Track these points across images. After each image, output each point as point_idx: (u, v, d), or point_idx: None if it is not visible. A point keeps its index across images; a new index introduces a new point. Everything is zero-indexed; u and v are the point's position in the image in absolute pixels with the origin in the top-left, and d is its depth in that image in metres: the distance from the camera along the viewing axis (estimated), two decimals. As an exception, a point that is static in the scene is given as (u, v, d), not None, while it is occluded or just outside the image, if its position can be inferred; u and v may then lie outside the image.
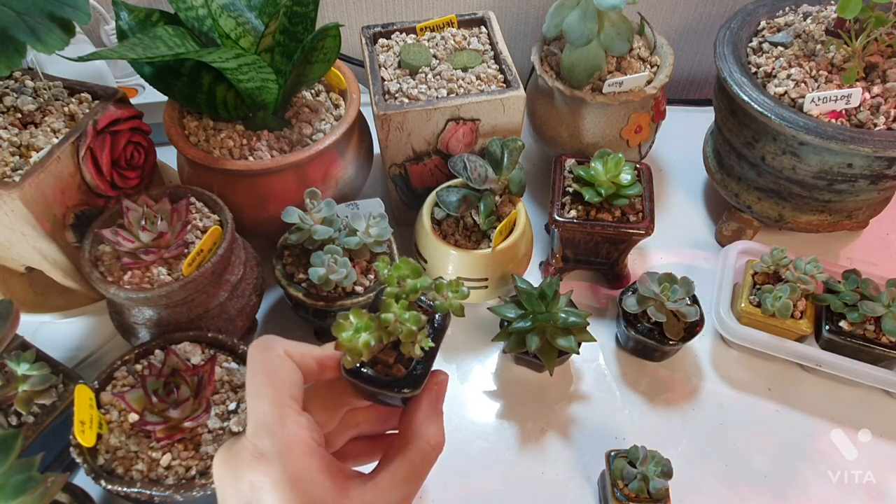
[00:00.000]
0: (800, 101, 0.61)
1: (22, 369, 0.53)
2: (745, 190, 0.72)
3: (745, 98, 0.62)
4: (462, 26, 0.73)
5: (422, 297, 0.37)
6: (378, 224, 0.61)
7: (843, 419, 0.63)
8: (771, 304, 0.63)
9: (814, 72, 0.64)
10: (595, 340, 0.60)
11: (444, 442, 0.36)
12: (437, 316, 0.37)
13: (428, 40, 0.71)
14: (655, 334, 0.63)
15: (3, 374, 0.53)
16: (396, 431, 0.37)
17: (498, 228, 0.61)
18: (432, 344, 0.35)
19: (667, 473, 0.53)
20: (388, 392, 0.35)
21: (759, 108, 0.61)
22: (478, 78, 0.66)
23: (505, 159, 0.62)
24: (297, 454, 0.31)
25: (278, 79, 0.60)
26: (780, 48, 0.67)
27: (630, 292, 0.65)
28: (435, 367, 0.37)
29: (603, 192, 0.63)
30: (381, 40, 0.71)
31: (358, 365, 0.35)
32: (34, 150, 0.56)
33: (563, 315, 0.59)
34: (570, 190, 0.67)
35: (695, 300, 0.64)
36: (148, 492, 0.47)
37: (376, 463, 0.36)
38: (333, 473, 0.32)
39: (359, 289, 0.60)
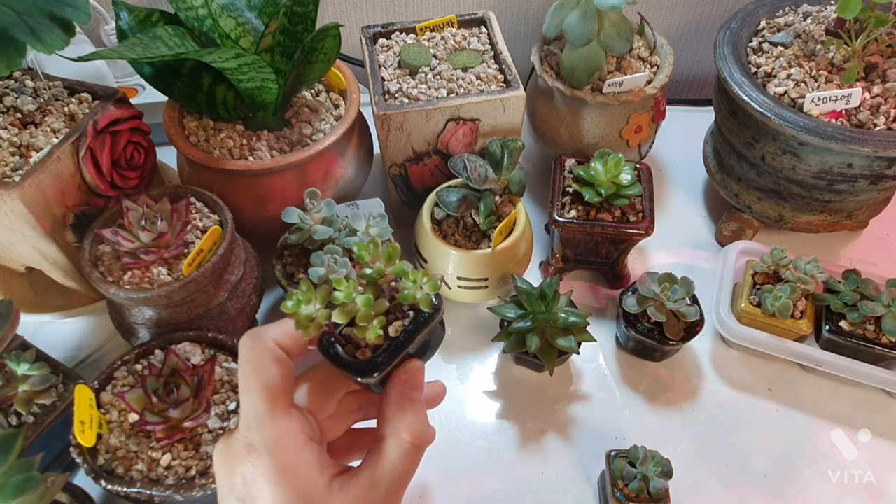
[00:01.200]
0: (800, 101, 0.61)
1: (22, 369, 0.53)
2: (745, 190, 0.72)
3: (745, 98, 0.62)
4: (462, 26, 0.73)
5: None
6: (378, 224, 0.61)
7: (843, 419, 0.63)
8: (771, 304, 0.63)
9: (814, 72, 0.64)
10: (595, 340, 0.60)
11: (427, 433, 0.35)
12: (423, 311, 0.35)
13: (428, 40, 0.71)
14: (655, 334, 0.63)
15: (3, 374, 0.53)
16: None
17: (498, 228, 0.61)
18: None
19: (667, 473, 0.53)
20: (350, 374, 0.34)
21: (759, 108, 0.61)
22: (478, 78, 0.66)
23: (505, 159, 0.62)
24: (285, 447, 0.31)
25: (278, 79, 0.60)
26: (780, 48, 0.67)
27: (630, 292, 0.65)
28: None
29: (603, 192, 0.63)
30: (381, 40, 0.71)
31: (332, 339, 0.34)
32: (34, 150, 0.56)
33: (563, 315, 0.59)
34: (570, 190, 0.67)
35: (695, 300, 0.64)
36: (148, 492, 0.47)
37: None
38: (323, 468, 0.33)
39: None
